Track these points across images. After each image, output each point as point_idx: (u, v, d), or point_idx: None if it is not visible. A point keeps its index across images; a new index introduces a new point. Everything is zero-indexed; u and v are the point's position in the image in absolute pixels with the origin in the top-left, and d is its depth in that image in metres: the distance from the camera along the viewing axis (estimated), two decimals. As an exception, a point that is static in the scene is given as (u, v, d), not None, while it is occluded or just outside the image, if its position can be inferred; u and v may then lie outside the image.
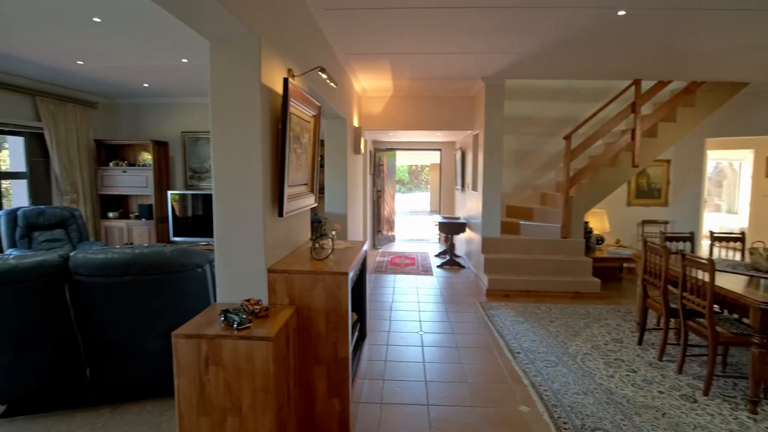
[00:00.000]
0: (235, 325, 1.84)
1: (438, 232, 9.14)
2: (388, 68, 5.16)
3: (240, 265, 2.19)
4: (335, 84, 3.00)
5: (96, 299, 2.35)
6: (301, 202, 2.65)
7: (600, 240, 6.33)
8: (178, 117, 6.74)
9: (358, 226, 6.41)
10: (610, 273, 6.39)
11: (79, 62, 4.62)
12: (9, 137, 5.57)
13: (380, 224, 8.96)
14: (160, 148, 6.47)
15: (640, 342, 3.76)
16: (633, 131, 5.57)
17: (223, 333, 1.82)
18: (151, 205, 6.32)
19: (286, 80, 2.22)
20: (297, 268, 2.23)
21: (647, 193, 6.89)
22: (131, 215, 6.56)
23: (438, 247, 8.68)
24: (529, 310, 4.71)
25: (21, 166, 5.67)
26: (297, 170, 2.54)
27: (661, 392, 2.94)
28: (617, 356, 3.53)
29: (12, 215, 4.98)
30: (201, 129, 6.74)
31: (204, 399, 1.84)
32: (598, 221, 6.41)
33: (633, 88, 5.52)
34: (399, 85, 6.09)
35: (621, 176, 5.73)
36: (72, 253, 2.32)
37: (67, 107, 5.93)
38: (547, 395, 2.89)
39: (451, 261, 6.92)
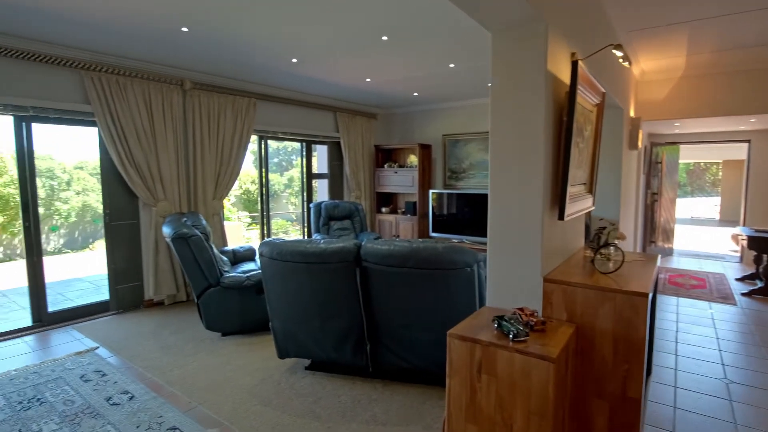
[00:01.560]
0: (510, 336, 1.71)
1: (743, 248, 7.02)
2: (684, 41, 4.15)
3: (513, 269, 2.05)
4: (629, 63, 2.52)
5: (378, 285, 2.63)
6: (580, 204, 2.33)
7: None
8: (440, 121, 7.22)
9: (628, 233, 5.47)
10: None
11: (367, 80, 5.43)
12: (318, 146, 7.06)
13: (654, 233, 7.49)
14: (424, 150, 7.05)
15: None
16: None
17: (497, 342, 1.71)
18: (415, 203, 6.97)
19: (575, 63, 1.95)
20: (578, 280, 1.93)
21: None
22: (399, 211, 7.40)
23: (739, 268, 6.65)
24: None
25: (324, 169, 7.13)
26: (578, 168, 2.23)
27: None
28: None
29: (318, 207, 6.29)
30: (460, 131, 7.02)
31: (474, 406, 1.78)
32: None
33: None
34: (695, 62, 4.87)
35: None
36: (363, 242, 2.66)
37: (355, 119, 7.11)
38: None
39: (765, 289, 5.16)
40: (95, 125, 4.27)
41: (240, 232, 9.48)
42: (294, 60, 4.51)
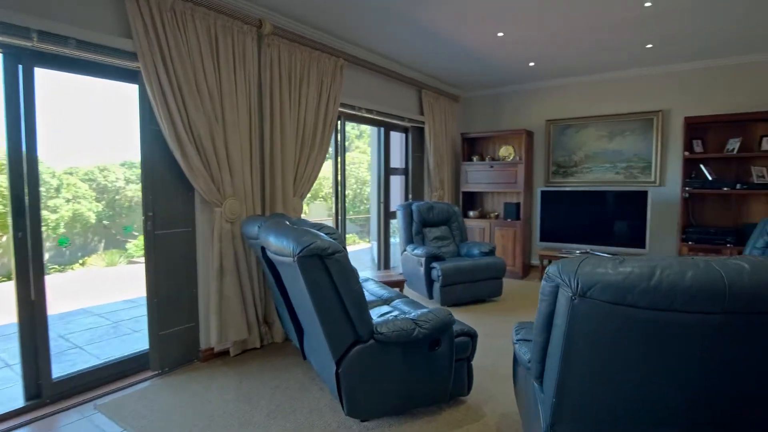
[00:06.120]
0: None
1: None
2: None
3: None
4: None
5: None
6: None
7: None
8: (541, 104, 5.77)
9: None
10: None
11: (500, 34, 3.95)
12: (392, 133, 5.52)
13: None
14: (530, 138, 5.57)
15: None
16: None
17: None
18: (518, 204, 5.48)
19: None
20: None
21: None
22: (489, 215, 5.89)
23: None
24: None
25: (397, 162, 5.60)
26: None
27: None
28: None
29: (408, 209, 4.74)
30: (571, 115, 5.60)
31: None
32: None
33: None
34: None
35: None
36: None
37: (439, 101, 5.65)
38: None
39: None
40: (135, 80, 2.70)
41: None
42: (436, -14, 3.01)
